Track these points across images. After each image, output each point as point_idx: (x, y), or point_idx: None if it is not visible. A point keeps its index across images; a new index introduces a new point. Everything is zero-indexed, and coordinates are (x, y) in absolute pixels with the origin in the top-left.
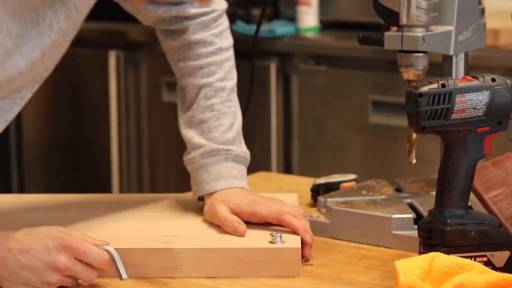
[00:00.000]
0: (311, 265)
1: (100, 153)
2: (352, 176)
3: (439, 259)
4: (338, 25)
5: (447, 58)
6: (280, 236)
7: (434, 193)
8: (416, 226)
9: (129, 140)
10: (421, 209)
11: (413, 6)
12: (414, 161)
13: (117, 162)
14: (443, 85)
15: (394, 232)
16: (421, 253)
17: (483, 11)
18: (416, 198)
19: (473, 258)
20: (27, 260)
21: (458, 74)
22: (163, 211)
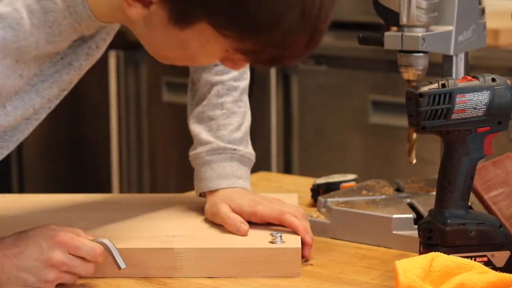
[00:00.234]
0: (311, 265)
1: (100, 153)
2: (352, 176)
3: (439, 259)
4: (338, 25)
5: (447, 58)
6: (280, 236)
7: (434, 193)
8: (416, 226)
9: (129, 140)
10: (421, 209)
11: (413, 6)
12: (414, 161)
13: (117, 162)
14: (443, 85)
15: (394, 232)
16: (421, 253)
17: (483, 11)
18: (416, 198)
19: (473, 258)
20: (23, 262)
21: (458, 74)
22: (163, 211)
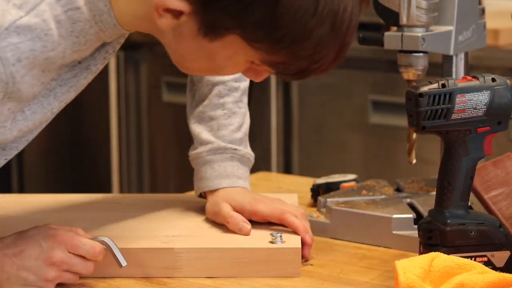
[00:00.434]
0: (311, 265)
1: (100, 153)
2: (352, 176)
3: (439, 259)
4: None
5: (447, 58)
6: (280, 236)
7: (434, 193)
8: (416, 226)
9: (129, 140)
10: (421, 209)
11: (413, 6)
12: (414, 161)
13: (117, 162)
14: (443, 85)
15: (394, 232)
16: (421, 253)
17: (483, 11)
18: (416, 198)
19: (473, 258)
20: (23, 261)
21: (458, 74)
22: (163, 211)
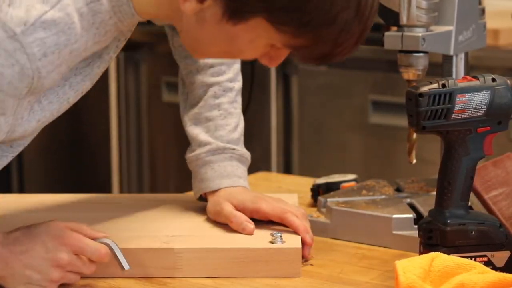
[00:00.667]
0: (311, 265)
1: (100, 153)
2: (352, 176)
3: (439, 259)
4: None
5: (447, 58)
6: (281, 236)
7: (434, 193)
8: (416, 226)
9: (129, 140)
10: (421, 209)
11: (413, 6)
12: (414, 161)
13: (117, 162)
14: (443, 85)
15: (394, 232)
16: (421, 253)
17: (483, 11)
18: (416, 198)
19: (473, 258)
20: (29, 260)
21: (458, 74)
22: (163, 211)
